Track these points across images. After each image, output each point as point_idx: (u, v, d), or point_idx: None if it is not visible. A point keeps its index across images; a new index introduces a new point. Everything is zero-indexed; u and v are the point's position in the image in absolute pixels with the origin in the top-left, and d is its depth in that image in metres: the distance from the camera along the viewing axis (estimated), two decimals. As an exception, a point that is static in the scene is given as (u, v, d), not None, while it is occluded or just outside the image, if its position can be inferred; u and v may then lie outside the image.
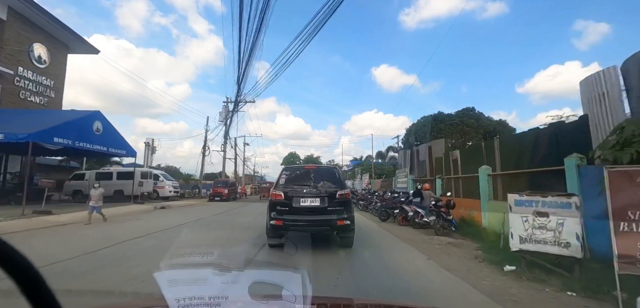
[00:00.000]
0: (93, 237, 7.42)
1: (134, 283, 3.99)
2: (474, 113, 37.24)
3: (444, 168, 12.37)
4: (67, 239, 7.27)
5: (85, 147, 13.09)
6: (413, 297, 3.86)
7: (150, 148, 30.33)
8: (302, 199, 6.24)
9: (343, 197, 6.31)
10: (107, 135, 14.44)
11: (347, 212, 6.25)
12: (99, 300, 3.59)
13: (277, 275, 1.83)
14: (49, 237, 7.38)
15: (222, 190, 24.45)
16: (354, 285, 4.14)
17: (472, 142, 30.16)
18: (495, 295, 3.93)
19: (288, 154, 74.89)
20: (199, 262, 2.16)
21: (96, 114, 14.05)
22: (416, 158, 16.73)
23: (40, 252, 5.63)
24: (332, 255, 5.92)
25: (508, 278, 4.71)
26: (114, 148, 15.09)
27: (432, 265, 5.41)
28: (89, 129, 13.35)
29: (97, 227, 8.77)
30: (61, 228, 8.71)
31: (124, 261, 5.18)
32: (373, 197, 16.09)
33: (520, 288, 4.26)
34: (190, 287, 1.38)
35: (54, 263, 4.82)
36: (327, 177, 6.75)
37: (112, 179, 19.10)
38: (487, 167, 8.85)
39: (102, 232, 8.01)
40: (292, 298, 1.29)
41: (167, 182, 23.28)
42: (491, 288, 4.24)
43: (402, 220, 10.72)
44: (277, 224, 6.10)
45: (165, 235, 7.95)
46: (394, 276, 4.68)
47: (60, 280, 4.07)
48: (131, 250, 6.07)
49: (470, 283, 4.40)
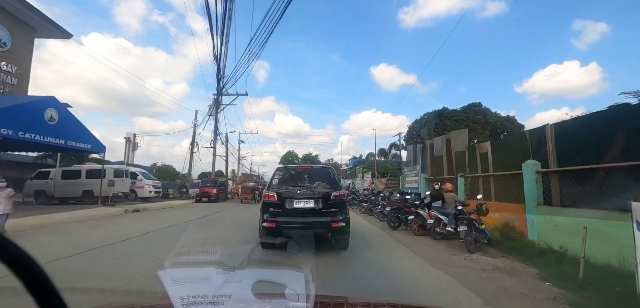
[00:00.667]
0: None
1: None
2: (480, 109, 34.67)
3: (467, 165, 10.26)
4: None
5: (34, 139, 10.87)
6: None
7: (131, 144, 26.48)
8: (296, 200, 6.02)
9: (338, 198, 6.08)
10: (65, 126, 12.18)
11: (342, 213, 6.02)
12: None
13: (281, 274, 1.71)
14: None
15: (210, 190, 22.05)
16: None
17: (479, 139, 28.00)
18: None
19: (286, 152, 71.22)
20: (203, 260, 2.00)
21: (49, 100, 11.76)
22: (430, 154, 14.36)
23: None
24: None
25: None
26: (74, 141, 12.82)
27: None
28: (39, 118, 11.11)
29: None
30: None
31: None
32: (377, 198, 13.97)
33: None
34: (194, 285, 1.35)
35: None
36: (321, 177, 6.49)
37: (81, 178, 16.86)
38: (535, 162, 6.76)
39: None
40: (296, 297, 1.30)
41: (147, 181, 20.35)
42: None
43: (417, 228, 8.63)
44: (270, 226, 5.88)
45: (104, 252, 5.82)
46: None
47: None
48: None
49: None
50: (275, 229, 5.85)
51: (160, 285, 1.21)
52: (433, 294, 4.02)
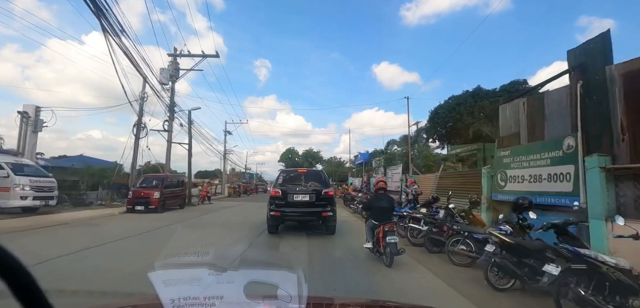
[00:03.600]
0: None
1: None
2: (524, 87, 24.37)
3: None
4: None
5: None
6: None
7: (30, 121, 15.67)
8: (296, 195, 7.94)
9: (327, 194, 8.04)
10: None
11: (330, 205, 8.01)
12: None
13: (273, 274, 1.69)
14: None
15: (150, 194, 14.01)
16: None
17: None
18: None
19: (286, 150, 67.26)
20: (194, 262, 1.84)
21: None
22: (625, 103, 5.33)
23: None
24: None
25: None
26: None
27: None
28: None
29: None
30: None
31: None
32: (448, 218, 6.96)
33: None
34: (185, 287, 1.35)
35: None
36: (315, 178, 8.59)
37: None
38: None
39: None
40: (288, 298, 1.29)
41: (21, 178, 11.52)
42: None
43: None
44: (275, 215, 7.82)
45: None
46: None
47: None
48: None
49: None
50: (280, 217, 7.87)
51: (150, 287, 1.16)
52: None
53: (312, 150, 64.32)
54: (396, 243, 5.40)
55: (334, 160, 63.04)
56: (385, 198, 6.16)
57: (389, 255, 5.38)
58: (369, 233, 6.07)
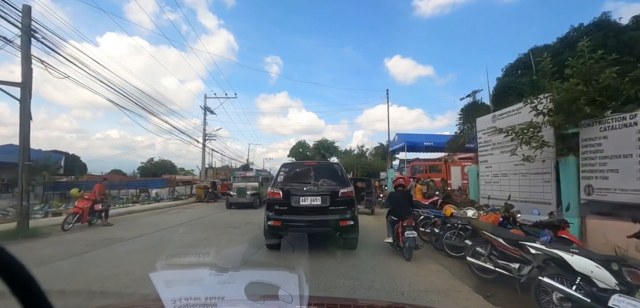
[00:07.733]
0: None
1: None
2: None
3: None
4: None
5: None
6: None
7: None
8: (302, 198, 5.77)
9: (346, 195, 5.83)
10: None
11: (350, 211, 5.82)
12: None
13: (274, 275, 1.67)
14: None
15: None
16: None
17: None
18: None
19: (296, 143, 55.28)
20: (196, 262, 1.88)
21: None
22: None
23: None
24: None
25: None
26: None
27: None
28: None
29: None
30: None
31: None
32: None
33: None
34: (187, 287, 1.36)
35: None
36: (328, 174, 6.28)
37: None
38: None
39: None
40: (289, 299, 1.29)
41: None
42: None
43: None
44: (275, 225, 5.65)
45: None
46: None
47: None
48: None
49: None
50: (281, 228, 5.65)
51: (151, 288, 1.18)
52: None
53: (326, 141, 50.79)
54: (414, 237, 5.62)
55: (351, 152, 47.87)
56: (403, 195, 6.38)
57: (408, 250, 5.61)
58: (389, 228, 6.24)
